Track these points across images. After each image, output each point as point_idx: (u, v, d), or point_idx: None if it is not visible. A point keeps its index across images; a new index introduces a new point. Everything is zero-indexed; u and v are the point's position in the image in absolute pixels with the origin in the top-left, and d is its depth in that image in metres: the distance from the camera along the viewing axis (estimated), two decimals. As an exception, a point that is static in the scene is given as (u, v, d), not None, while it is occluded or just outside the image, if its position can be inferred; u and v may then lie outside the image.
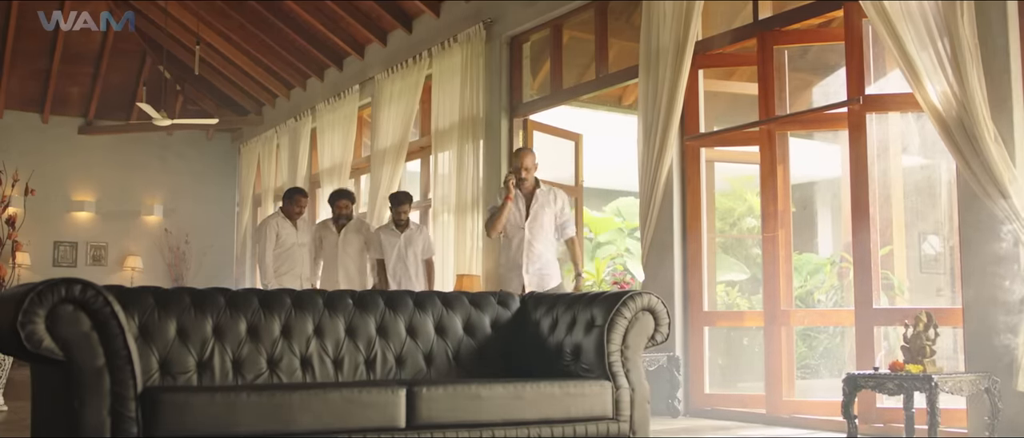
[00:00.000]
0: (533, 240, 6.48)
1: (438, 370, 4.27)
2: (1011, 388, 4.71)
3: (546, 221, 6.53)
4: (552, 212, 6.56)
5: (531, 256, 6.48)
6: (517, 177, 6.51)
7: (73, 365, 3.14)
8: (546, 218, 6.53)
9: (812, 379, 8.60)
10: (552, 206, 6.56)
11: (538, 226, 6.51)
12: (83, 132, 14.27)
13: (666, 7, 6.59)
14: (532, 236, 6.48)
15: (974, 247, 4.98)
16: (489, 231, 6.61)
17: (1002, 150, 4.74)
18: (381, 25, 10.38)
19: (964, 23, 4.83)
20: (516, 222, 6.54)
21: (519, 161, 6.57)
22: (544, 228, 6.52)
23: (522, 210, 6.53)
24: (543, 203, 6.55)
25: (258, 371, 3.89)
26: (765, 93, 6.39)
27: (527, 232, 6.49)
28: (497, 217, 6.52)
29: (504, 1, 8.53)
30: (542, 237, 6.52)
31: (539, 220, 6.52)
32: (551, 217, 6.56)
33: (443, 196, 8.92)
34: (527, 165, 6.55)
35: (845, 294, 8.25)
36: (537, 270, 6.50)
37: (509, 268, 6.55)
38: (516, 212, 6.53)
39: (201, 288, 4.00)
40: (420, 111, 9.89)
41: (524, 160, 6.56)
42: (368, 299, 4.28)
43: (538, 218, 6.52)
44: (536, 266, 6.49)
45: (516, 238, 6.51)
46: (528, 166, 6.56)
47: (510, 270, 6.54)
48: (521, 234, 6.50)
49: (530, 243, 6.48)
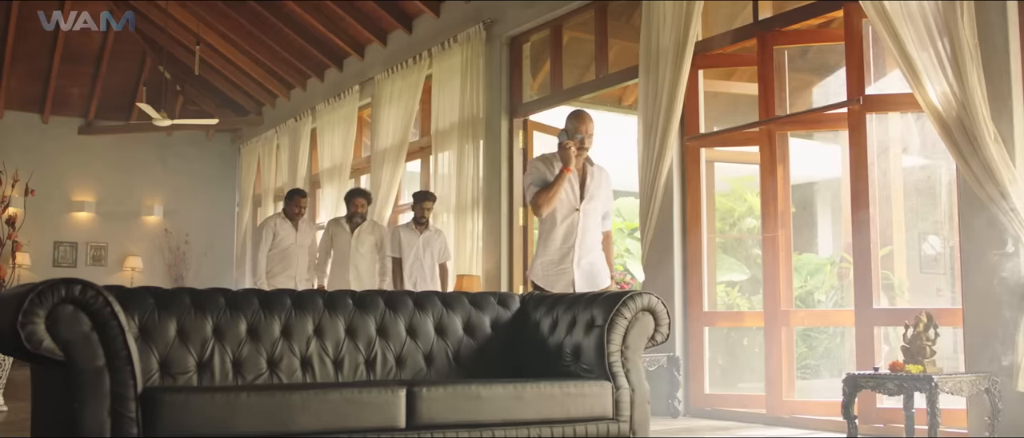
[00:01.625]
0: (588, 227, 5.33)
1: (438, 370, 4.27)
2: (1011, 389, 4.71)
3: (598, 207, 5.40)
4: (604, 196, 5.45)
5: (584, 246, 5.32)
6: (579, 146, 5.30)
7: (73, 365, 3.14)
8: (598, 203, 5.40)
9: (812, 379, 8.60)
10: (604, 189, 5.45)
11: (593, 210, 5.36)
12: (83, 132, 14.26)
13: (666, 8, 6.59)
14: (587, 222, 5.32)
15: (974, 247, 4.98)
16: (539, 209, 5.30)
17: (1002, 150, 4.74)
18: (381, 25, 10.39)
19: (964, 23, 4.83)
20: (569, 202, 5.31)
21: (582, 125, 5.32)
22: (596, 214, 5.40)
23: (576, 188, 5.34)
24: (599, 183, 5.40)
25: (258, 371, 3.89)
26: (765, 93, 6.39)
27: (582, 216, 5.31)
28: (552, 191, 5.25)
29: (504, 1, 8.53)
30: (594, 225, 5.39)
31: (594, 203, 5.37)
32: (601, 202, 5.43)
33: (443, 196, 8.92)
34: (591, 132, 5.33)
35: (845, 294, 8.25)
36: (589, 264, 5.34)
37: (557, 260, 5.33)
38: (570, 189, 5.32)
39: (201, 288, 4.00)
40: (420, 111, 9.89)
41: (589, 125, 5.34)
42: (368, 299, 4.28)
43: (594, 201, 5.36)
44: (588, 259, 5.34)
45: (567, 223, 5.31)
46: (592, 133, 5.34)
47: (559, 262, 5.32)
48: (574, 218, 5.30)
49: (585, 230, 5.31)
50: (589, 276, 5.28)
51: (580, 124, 5.32)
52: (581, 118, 5.36)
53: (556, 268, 5.29)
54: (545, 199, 5.25)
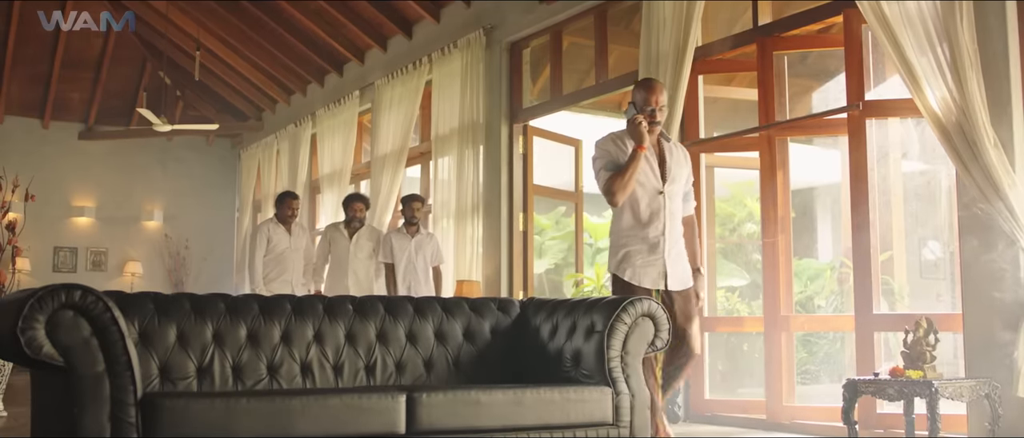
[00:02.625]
0: (673, 211, 4.60)
1: (438, 376, 4.26)
2: (1011, 394, 4.71)
3: (681, 186, 4.68)
4: (684, 176, 4.72)
5: (672, 235, 4.59)
6: (651, 119, 4.56)
7: (73, 371, 3.14)
8: (681, 183, 4.68)
9: (812, 385, 8.60)
10: (684, 166, 4.72)
11: (676, 193, 4.63)
12: (83, 138, 14.27)
13: (666, 13, 6.59)
14: (672, 206, 4.59)
15: (974, 252, 4.98)
16: (614, 197, 4.53)
17: (1002, 155, 4.74)
18: (381, 31, 10.40)
19: (963, 28, 4.84)
20: (651, 184, 4.57)
21: (652, 95, 4.57)
22: (680, 197, 4.69)
23: (656, 167, 4.61)
24: (679, 162, 4.66)
25: (258, 377, 3.89)
26: (765, 99, 6.39)
27: (667, 200, 4.56)
28: (627, 175, 4.49)
29: (504, 6, 8.54)
30: (679, 210, 4.67)
31: (677, 183, 4.64)
32: (682, 184, 4.71)
33: (443, 201, 8.92)
34: (663, 102, 4.59)
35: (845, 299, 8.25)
36: (678, 253, 4.63)
37: (646, 251, 4.59)
38: (648, 170, 4.58)
39: (201, 294, 4.00)
40: (420, 116, 9.90)
41: (659, 94, 4.59)
42: (368, 305, 4.28)
43: (677, 180, 4.63)
44: (677, 248, 4.62)
45: (650, 209, 4.56)
46: (664, 103, 4.61)
47: (648, 253, 4.58)
48: (659, 203, 4.55)
49: (672, 215, 4.58)
50: (678, 265, 4.63)
51: (650, 94, 4.56)
52: (650, 87, 4.60)
53: (644, 259, 4.58)
54: (621, 185, 4.50)
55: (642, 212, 4.57)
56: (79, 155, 14.35)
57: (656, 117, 4.53)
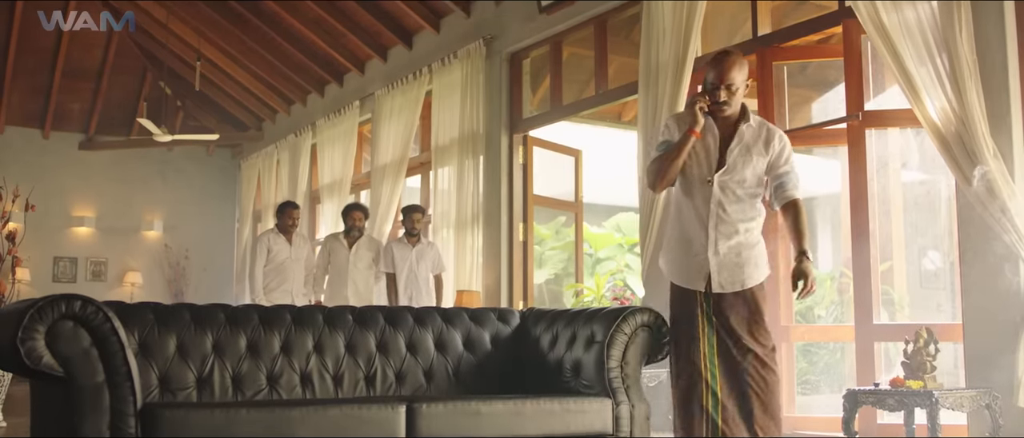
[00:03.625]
0: (726, 203, 4.02)
1: (438, 386, 4.26)
2: (1012, 404, 4.70)
3: (750, 175, 4.05)
4: (764, 161, 4.07)
5: (722, 230, 4.01)
6: (712, 100, 4.01)
7: (73, 381, 3.14)
8: (750, 171, 4.05)
9: (813, 395, 8.58)
10: (763, 152, 4.07)
11: (737, 182, 4.04)
12: (84, 148, 14.28)
13: (665, 23, 6.61)
14: (724, 197, 4.02)
15: (974, 262, 4.98)
16: (650, 181, 4.13)
17: (1001, 165, 4.75)
18: (381, 41, 10.41)
19: (962, 39, 4.85)
20: (699, 172, 4.05)
21: (719, 72, 4.00)
22: (745, 186, 4.06)
23: (712, 153, 4.06)
24: (749, 145, 4.06)
25: (258, 387, 3.89)
26: (764, 109, 6.39)
27: (717, 190, 4.02)
28: (668, 160, 4.02)
29: (504, 16, 8.56)
30: (739, 201, 4.06)
31: (739, 172, 4.04)
32: (758, 170, 4.08)
33: (443, 212, 8.93)
34: (731, 80, 3.99)
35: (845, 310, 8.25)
36: (732, 254, 4.02)
37: (685, 247, 4.09)
38: (701, 155, 4.05)
39: (201, 304, 4.00)
40: (420, 127, 9.91)
41: (730, 71, 3.99)
42: (368, 315, 4.28)
43: (738, 169, 4.04)
44: (728, 247, 4.02)
45: (696, 198, 4.06)
46: (734, 82, 3.99)
47: (687, 249, 4.08)
48: (706, 192, 4.02)
49: (721, 207, 4.01)
50: (731, 267, 4.01)
51: (717, 70, 4.00)
52: (718, 62, 4.02)
53: (685, 257, 4.08)
54: (657, 170, 4.04)
55: (684, 201, 4.10)
56: (79, 165, 14.36)
57: (719, 97, 3.97)
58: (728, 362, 3.94)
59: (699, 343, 3.99)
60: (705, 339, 3.99)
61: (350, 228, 8.48)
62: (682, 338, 4.04)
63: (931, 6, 5.01)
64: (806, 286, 3.98)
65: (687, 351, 4.00)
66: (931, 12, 5.00)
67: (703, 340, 3.99)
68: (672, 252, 4.17)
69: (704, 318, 4.00)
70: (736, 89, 3.99)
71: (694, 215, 4.05)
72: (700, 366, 3.95)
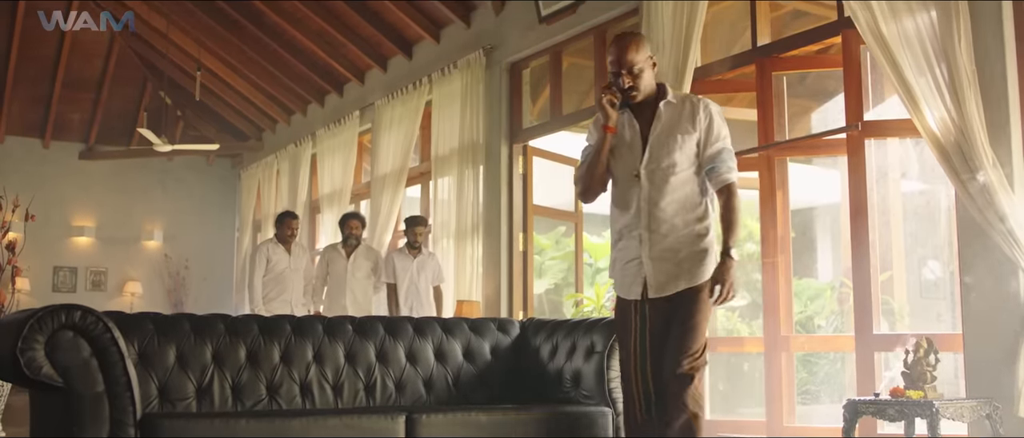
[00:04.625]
0: (658, 198, 3.52)
1: (438, 396, 4.26)
2: (1012, 414, 4.69)
3: (680, 158, 3.55)
4: (693, 139, 3.58)
5: (656, 228, 3.52)
6: (619, 90, 3.60)
7: (72, 391, 3.14)
8: (680, 153, 3.56)
9: (813, 405, 8.57)
10: (690, 129, 3.58)
11: (665, 169, 3.54)
12: (84, 157, 14.30)
13: (665, 34, 6.62)
14: (655, 190, 3.53)
15: (973, 272, 4.98)
16: (583, 194, 3.72)
17: (1000, 175, 4.75)
18: (381, 51, 10.43)
19: (961, 49, 4.86)
20: (625, 169, 3.60)
21: (617, 57, 3.58)
22: (676, 172, 3.55)
23: (635, 145, 3.60)
24: (671, 124, 3.58)
25: (257, 397, 3.88)
26: (764, 119, 6.40)
27: (645, 183, 3.53)
28: (589, 166, 3.64)
29: (504, 27, 8.57)
30: (674, 191, 3.54)
31: (666, 158, 3.55)
32: (689, 150, 3.58)
33: (443, 222, 8.93)
34: (631, 62, 3.55)
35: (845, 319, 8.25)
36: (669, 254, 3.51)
37: (621, 254, 3.63)
38: (623, 151, 3.63)
39: (201, 314, 4.00)
40: (420, 137, 9.92)
41: (626, 53, 3.56)
42: (368, 325, 4.28)
43: (663, 154, 3.55)
44: (664, 247, 3.52)
45: (628, 198, 3.59)
46: (635, 63, 3.56)
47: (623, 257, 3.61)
48: (636, 189, 3.55)
49: (653, 203, 3.52)
50: (668, 269, 3.50)
51: (613, 56, 3.59)
52: (614, 48, 3.61)
53: (621, 265, 3.61)
54: (580, 175, 3.68)
55: (618, 202, 3.63)
56: (79, 175, 14.37)
57: (624, 83, 3.53)
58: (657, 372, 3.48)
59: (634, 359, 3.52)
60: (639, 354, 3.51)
61: (347, 237, 8.49)
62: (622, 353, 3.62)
63: (930, 16, 5.02)
64: (723, 292, 3.48)
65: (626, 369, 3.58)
66: (930, 22, 5.01)
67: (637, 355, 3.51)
68: (614, 263, 3.69)
69: (639, 329, 3.51)
70: (640, 70, 3.56)
71: (627, 217, 3.57)
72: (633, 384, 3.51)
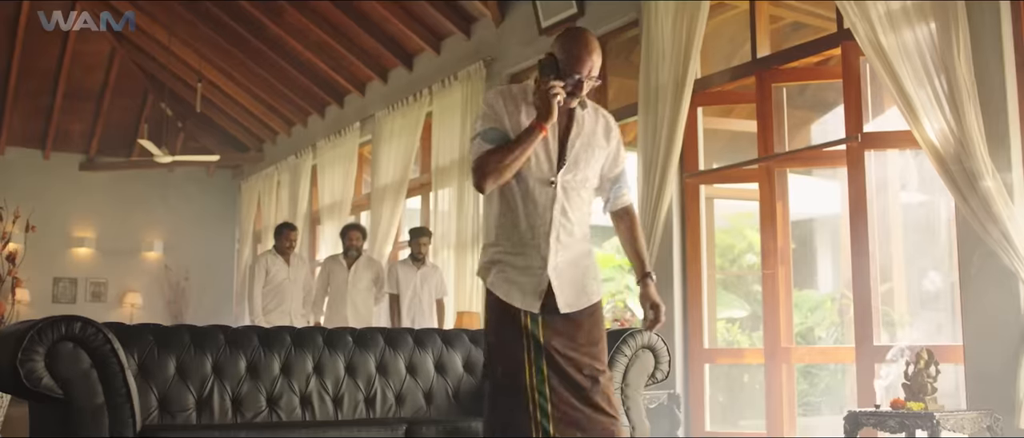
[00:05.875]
0: (570, 209, 3.24)
1: (438, 408, 4.25)
2: (1013, 425, 4.69)
3: (592, 173, 3.32)
4: (603, 155, 3.35)
5: (564, 240, 3.22)
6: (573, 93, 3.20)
7: (72, 403, 3.13)
8: (595, 167, 3.33)
9: (813, 416, 8.56)
10: (604, 143, 3.36)
11: (580, 181, 3.27)
12: (84, 169, 14.31)
13: (665, 45, 6.63)
14: (568, 201, 3.24)
15: (974, 283, 4.98)
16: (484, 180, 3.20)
17: (1000, 186, 4.76)
18: (382, 63, 10.45)
19: (961, 60, 4.87)
20: (538, 171, 3.21)
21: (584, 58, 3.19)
22: (588, 186, 3.32)
23: (552, 148, 3.23)
24: (590, 136, 3.31)
25: (257, 409, 3.88)
26: (764, 130, 6.41)
27: (560, 192, 3.22)
28: (510, 158, 3.15)
29: (504, 38, 8.59)
30: (581, 206, 3.29)
31: (583, 170, 3.28)
32: (599, 165, 3.35)
33: (443, 233, 8.93)
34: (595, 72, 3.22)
35: (845, 331, 8.24)
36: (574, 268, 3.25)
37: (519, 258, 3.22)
38: (539, 151, 3.20)
39: (201, 325, 4.00)
40: (420, 148, 9.93)
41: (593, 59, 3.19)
42: (368, 337, 4.28)
43: (581, 165, 3.27)
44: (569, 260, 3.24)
45: (535, 202, 3.21)
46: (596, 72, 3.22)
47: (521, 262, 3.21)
48: (547, 196, 3.21)
49: (564, 214, 3.22)
50: (575, 284, 3.23)
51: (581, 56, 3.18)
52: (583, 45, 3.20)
53: (518, 272, 3.21)
54: (496, 168, 3.15)
55: (519, 204, 3.22)
56: (80, 186, 14.38)
57: (581, 90, 3.19)
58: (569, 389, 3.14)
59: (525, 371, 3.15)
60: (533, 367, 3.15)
61: (348, 248, 8.48)
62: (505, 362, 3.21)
63: (929, 28, 5.03)
64: (659, 315, 3.39)
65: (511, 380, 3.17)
66: (929, 34, 5.02)
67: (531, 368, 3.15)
68: (500, 264, 3.24)
69: (531, 342, 3.16)
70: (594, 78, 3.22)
71: (531, 223, 3.20)
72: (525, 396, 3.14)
